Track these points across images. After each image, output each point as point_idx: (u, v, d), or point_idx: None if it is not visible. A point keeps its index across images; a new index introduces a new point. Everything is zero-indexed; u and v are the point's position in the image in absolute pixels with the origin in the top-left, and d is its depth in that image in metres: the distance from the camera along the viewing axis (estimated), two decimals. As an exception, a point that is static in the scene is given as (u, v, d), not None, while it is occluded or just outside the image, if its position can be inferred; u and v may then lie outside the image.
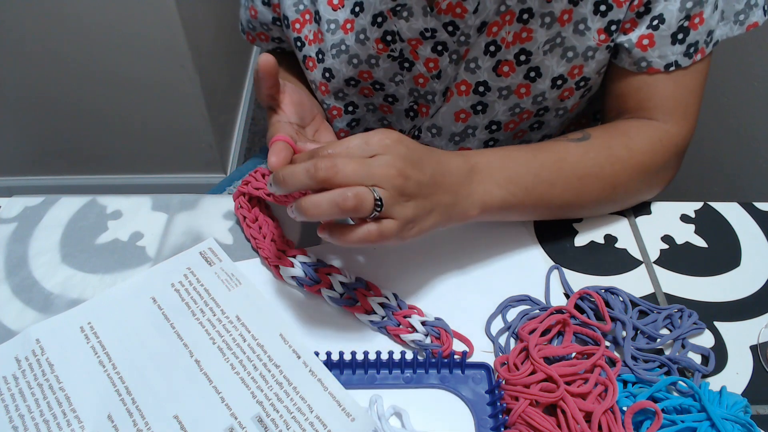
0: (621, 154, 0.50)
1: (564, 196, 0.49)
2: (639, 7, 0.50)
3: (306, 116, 0.52)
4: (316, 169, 0.38)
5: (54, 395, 0.42)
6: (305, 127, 0.52)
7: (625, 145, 0.51)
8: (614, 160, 0.50)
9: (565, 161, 0.49)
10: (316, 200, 0.37)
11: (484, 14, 0.52)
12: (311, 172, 0.38)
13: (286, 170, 0.39)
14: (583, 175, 0.49)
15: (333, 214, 0.37)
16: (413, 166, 0.40)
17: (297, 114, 0.50)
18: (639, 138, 0.51)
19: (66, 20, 1.13)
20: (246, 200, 0.54)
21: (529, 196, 0.48)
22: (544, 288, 0.49)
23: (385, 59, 0.58)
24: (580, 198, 0.50)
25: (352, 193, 0.37)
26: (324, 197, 0.37)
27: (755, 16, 0.53)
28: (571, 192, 0.49)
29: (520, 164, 0.47)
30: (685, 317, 0.46)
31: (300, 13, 0.59)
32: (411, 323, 0.46)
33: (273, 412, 0.40)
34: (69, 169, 1.51)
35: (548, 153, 0.49)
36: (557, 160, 0.49)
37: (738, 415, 0.39)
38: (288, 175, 0.39)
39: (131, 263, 0.52)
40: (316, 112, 0.54)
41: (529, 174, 0.47)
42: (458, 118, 0.60)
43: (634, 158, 0.50)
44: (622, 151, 0.50)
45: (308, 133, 0.52)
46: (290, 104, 0.50)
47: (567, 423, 0.39)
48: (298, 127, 0.49)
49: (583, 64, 0.54)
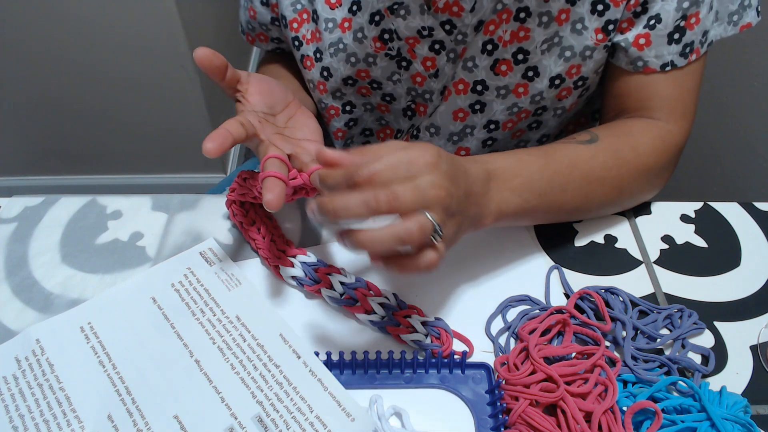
0: (628, 156, 0.50)
1: (574, 201, 0.49)
2: (636, 6, 0.50)
3: (276, 104, 0.51)
4: (377, 202, 0.35)
5: (54, 395, 0.42)
6: (276, 115, 0.51)
7: (631, 147, 0.50)
8: (621, 162, 0.50)
9: (576, 167, 0.48)
10: (379, 236, 0.35)
11: (481, 13, 0.52)
12: (372, 205, 0.35)
13: (338, 202, 0.35)
14: (593, 179, 0.49)
15: (396, 247, 0.36)
16: (454, 183, 0.39)
17: (264, 103, 0.50)
18: (644, 139, 0.51)
19: (66, 20, 1.13)
20: (238, 206, 0.53)
21: (542, 202, 0.47)
22: (544, 288, 0.49)
23: (383, 58, 0.58)
24: (589, 202, 0.50)
25: (416, 226, 0.35)
26: (386, 233, 0.35)
27: (748, 17, 0.53)
28: (581, 197, 0.49)
29: (534, 171, 0.46)
30: (685, 317, 0.46)
31: (298, 12, 0.59)
32: (411, 323, 0.46)
33: (273, 412, 0.40)
34: (69, 169, 1.51)
35: (560, 157, 0.48)
36: (569, 165, 0.48)
37: (738, 415, 0.39)
38: (341, 208, 0.35)
39: (131, 263, 0.52)
40: (289, 99, 0.53)
41: (542, 180, 0.46)
42: (456, 118, 0.60)
43: (639, 160, 0.50)
44: (629, 153, 0.50)
45: (280, 121, 0.51)
46: (256, 94, 0.49)
47: (567, 423, 0.39)
48: (264, 116, 0.49)
49: (581, 63, 0.54)
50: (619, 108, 0.56)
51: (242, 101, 0.49)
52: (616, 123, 0.54)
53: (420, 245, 0.37)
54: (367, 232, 0.35)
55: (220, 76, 0.47)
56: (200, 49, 0.45)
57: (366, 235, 0.35)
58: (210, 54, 0.45)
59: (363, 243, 0.35)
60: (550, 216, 0.50)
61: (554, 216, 0.50)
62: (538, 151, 0.49)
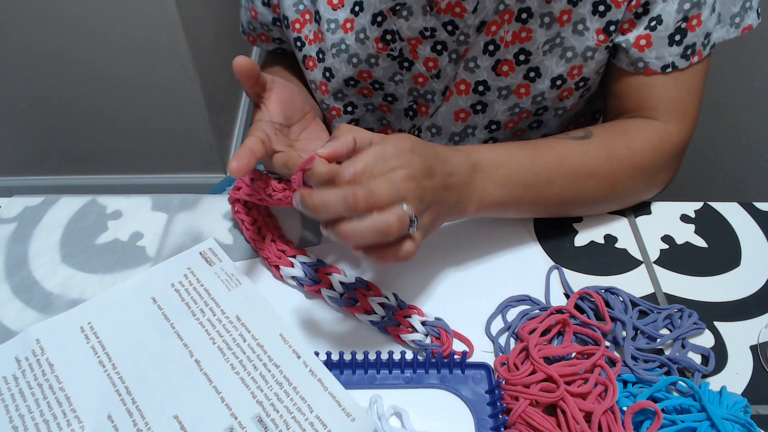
0: (622, 153, 0.50)
1: (562, 194, 0.49)
2: (637, 7, 0.50)
3: (294, 114, 0.52)
4: (355, 200, 0.37)
5: (54, 395, 0.42)
6: (291, 126, 0.52)
7: (626, 145, 0.51)
8: (614, 159, 0.50)
9: (566, 160, 0.49)
10: (360, 229, 0.36)
11: (483, 13, 0.52)
12: (350, 202, 0.37)
13: (317, 198, 0.37)
14: (583, 174, 0.49)
15: (377, 240, 0.37)
16: (428, 175, 0.40)
17: (282, 112, 0.50)
18: (640, 137, 0.51)
19: (66, 20, 1.13)
20: (242, 204, 0.54)
21: (528, 194, 0.48)
22: (544, 288, 0.49)
23: (385, 58, 0.58)
24: (579, 196, 0.50)
25: (394, 219, 0.36)
26: (366, 226, 0.36)
27: (750, 19, 0.53)
28: (570, 190, 0.49)
29: (520, 162, 0.47)
30: (685, 317, 0.46)
31: (300, 13, 0.59)
32: (411, 323, 0.46)
33: (273, 412, 0.40)
34: (69, 169, 1.51)
35: (550, 151, 0.49)
36: (558, 158, 0.49)
37: (738, 415, 0.39)
38: (321, 204, 0.37)
39: (131, 263, 0.52)
40: (307, 109, 0.54)
41: (529, 173, 0.47)
42: (458, 118, 0.60)
43: (634, 157, 0.50)
44: (622, 150, 0.50)
45: (294, 133, 0.52)
46: (277, 102, 0.50)
47: (567, 423, 0.39)
48: (280, 127, 0.50)
49: (583, 64, 0.54)
50: (621, 108, 0.56)
51: (262, 108, 0.49)
52: (614, 122, 0.55)
53: (398, 236, 0.38)
54: (350, 225, 0.37)
55: (252, 82, 0.47)
56: (240, 58, 0.45)
57: (348, 228, 0.37)
58: (250, 64, 0.46)
59: (345, 235, 0.37)
60: (539, 209, 0.51)
61: (543, 209, 0.51)
62: (527, 144, 0.49)
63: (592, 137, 0.51)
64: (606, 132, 0.52)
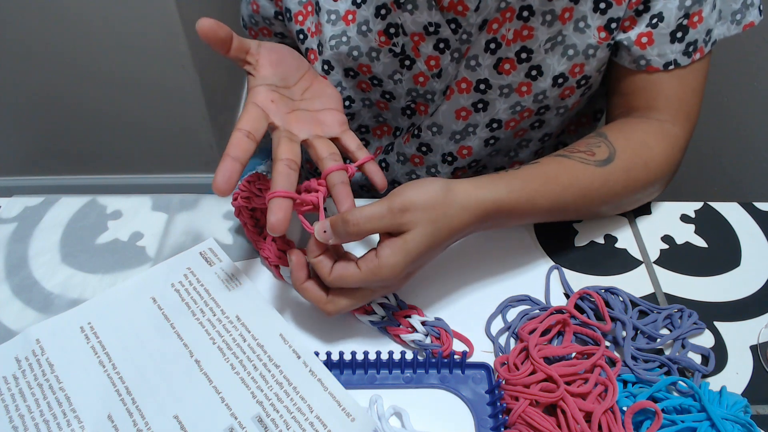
0: (639, 175, 0.50)
1: (572, 215, 0.51)
2: (638, 4, 0.50)
3: (289, 75, 0.50)
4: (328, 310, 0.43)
5: (54, 395, 0.42)
6: (291, 87, 0.50)
7: (644, 164, 0.50)
8: (630, 181, 0.50)
9: (586, 197, 0.48)
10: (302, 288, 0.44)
11: (486, 12, 0.52)
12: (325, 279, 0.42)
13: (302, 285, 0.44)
14: (597, 200, 0.49)
15: None
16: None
17: (277, 74, 0.49)
18: (657, 150, 0.51)
19: (66, 20, 1.13)
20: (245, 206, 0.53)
21: (538, 219, 0.50)
22: (544, 288, 0.49)
23: (386, 54, 0.57)
24: (588, 215, 0.52)
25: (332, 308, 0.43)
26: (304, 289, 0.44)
27: (751, 16, 0.53)
28: (581, 213, 0.51)
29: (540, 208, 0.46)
30: (685, 317, 0.46)
31: (302, 5, 0.59)
32: (411, 323, 0.46)
33: (273, 412, 0.40)
34: (69, 169, 1.51)
35: (572, 190, 0.47)
36: (581, 195, 0.48)
37: (738, 415, 0.39)
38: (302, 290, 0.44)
39: (131, 263, 0.52)
40: (304, 67, 0.52)
41: (547, 214, 0.48)
42: (459, 116, 0.60)
43: (649, 178, 0.51)
44: (640, 172, 0.50)
45: (296, 93, 0.50)
46: (267, 64, 0.48)
47: (567, 423, 0.39)
48: (280, 89, 0.48)
49: (584, 62, 0.54)
50: (627, 106, 0.56)
51: (253, 73, 0.48)
52: (633, 129, 0.52)
53: None
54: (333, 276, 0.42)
55: (226, 48, 0.46)
56: (203, 19, 0.43)
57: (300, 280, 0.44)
58: (214, 25, 0.44)
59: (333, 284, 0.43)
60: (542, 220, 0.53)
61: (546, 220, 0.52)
62: (555, 182, 0.47)
63: (615, 160, 0.49)
64: (628, 149, 0.50)
